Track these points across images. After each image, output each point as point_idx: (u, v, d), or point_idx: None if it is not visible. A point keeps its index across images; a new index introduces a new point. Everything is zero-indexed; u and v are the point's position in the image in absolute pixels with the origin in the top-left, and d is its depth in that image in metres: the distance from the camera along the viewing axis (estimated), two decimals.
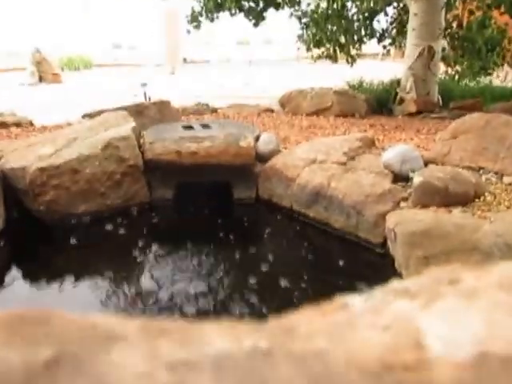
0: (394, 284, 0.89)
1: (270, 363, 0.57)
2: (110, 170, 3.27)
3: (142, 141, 3.49)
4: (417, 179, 2.75)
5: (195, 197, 3.51)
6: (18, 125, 4.98)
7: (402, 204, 2.76)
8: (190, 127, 3.79)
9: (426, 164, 3.09)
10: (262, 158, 3.47)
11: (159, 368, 0.52)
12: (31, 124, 5.16)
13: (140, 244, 3.13)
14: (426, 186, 2.70)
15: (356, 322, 0.68)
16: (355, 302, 0.75)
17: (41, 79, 13.46)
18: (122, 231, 3.26)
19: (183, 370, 0.53)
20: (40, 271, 2.92)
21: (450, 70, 7.58)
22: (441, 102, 6.17)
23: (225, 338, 0.60)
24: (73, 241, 3.13)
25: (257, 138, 3.55)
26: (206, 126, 3.81)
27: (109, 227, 3.26)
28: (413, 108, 5.87)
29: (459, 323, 0.66)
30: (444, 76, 7.47)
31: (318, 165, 3.09)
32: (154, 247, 3.11)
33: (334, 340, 0.61)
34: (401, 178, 2.97)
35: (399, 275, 2.45)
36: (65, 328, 0.60)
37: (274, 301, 2.52)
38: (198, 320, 0.60)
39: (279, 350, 0.60)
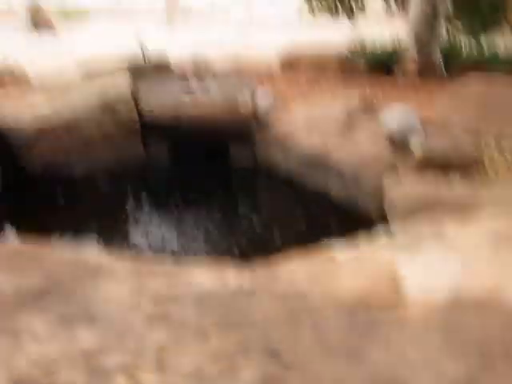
0: (380, 237, 1.01)
1: (253, 300, 0.67)
2: (106, 129, 3.30)
3: (139, 100, 3.50)
4: (416, 148, 2.75)
5: (191, 158, 3.48)
6: (15, 79, 4.90)
7: (401, 171, 2.72)
8: (187, 85, 3.77)
9: (424, 127, 3.03)
10: (260, 118, 3.48)
11: (145, 301, 0.61)
12: (28, 78, 5.10)
13: (131, 203, 3.17)
14: (425, 156, 2.71)
15: (339, 269, 0.79)
16: (340, 252, 0.86)
17: (35, 26, 13.15)
18: (115, 189, 3.27)
19: (168, 303, 0.63)
20: (32, 229, 2.92)
21: (449, 27, 7.43)
22: (443, 66, 6.12)
23: (211, 278, 0.70)
24: (67, 198, 3.11)
25: (254, 97, 3.55)
26: (203, 84, 3.80)
27: (103, 185, 3.27)
28: (413, 68, 5.87)
29: (438, 272, 0.76)
30: (446, 37, 7.37)
31: (315, 127, 3.10)
32: (146, 206, 3.15)
33: (315, 283, 0.73)
34: (399, 142, 2.93)
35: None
36: (56, 261, 0.69)
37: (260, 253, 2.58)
38: (187, 261, 0.69)
39: (263, 290, 0.70)
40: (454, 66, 5.93)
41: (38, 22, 13.25)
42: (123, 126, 3.37)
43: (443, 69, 6.00)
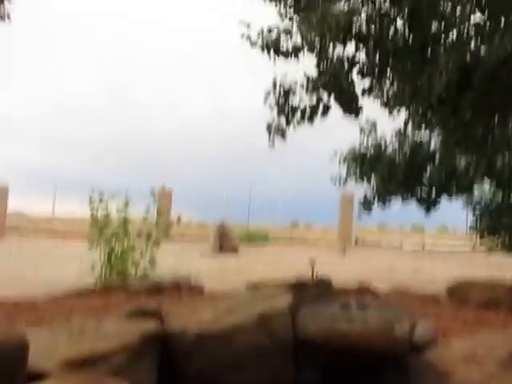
0: None
1: None
2: (261, 343, 3.31)
3: (296, 317, 3.54)
4: None
5: (343, 382, 3.38)
6: (190, 289, 5.36)
7: None
8: (346, 307, 3.78)
9: None
10: (417, 349, 3.30)
11: None
12: (202, 290, 5.52)
13: None
14: None
15: None
16: None
17: (221, 249, 14.52)
18: None
19: None
20: None
21: None
22: None
23: None
24: None
25: (413, 327, 3.41)
26: (362, 307, 3.78)
27: None
28: None
29: None
30: None
31: (476, 362, 2.85)
32: None
33: None
34: None
35: None
36: None
37: None
38: None
39: None
40: None
41: (225, 245, 14.65)
42: (276, 341, 3.35)
43: None
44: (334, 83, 6.10)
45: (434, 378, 3.05)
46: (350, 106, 6.28)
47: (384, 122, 8.27)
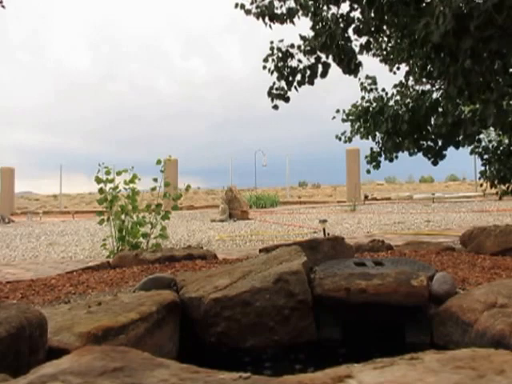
0: None
1: None
2: (279, 304, 3.30)
3: (312, 276, 3.52)
4: None
5: (364, 338, 3.36)
6: (203, 257, 5.37)
7: None
8: (362, 264, 3.77)
9: None
10: (437, 299, 3.28)
11: None
12: (215, 257, 5.53)
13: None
14: None
15: None
16: None
17: (230, 216, 14.54)
18: (293, 371, 3.15)
19: None
20: None
21: None
22: None
23: None
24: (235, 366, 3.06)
25: (431, 278, 3.39)
26: (378, 263, 3.76)
27: (279, 365, 3.18)
28: None
29: None
30: None
31: (498, 309, 2.82)
32: None
33: None
34: None
35: None
36: None
37: None
38: None
39: None
40: None
41: (235, 210, 14.68)
42: (295, 302, 3.34)
43: None
44: (330, 43, 5.96)
45: (456, 328, 3.03)
46: (349, 65, 6.17)
47: (384, 79, 8.21)
